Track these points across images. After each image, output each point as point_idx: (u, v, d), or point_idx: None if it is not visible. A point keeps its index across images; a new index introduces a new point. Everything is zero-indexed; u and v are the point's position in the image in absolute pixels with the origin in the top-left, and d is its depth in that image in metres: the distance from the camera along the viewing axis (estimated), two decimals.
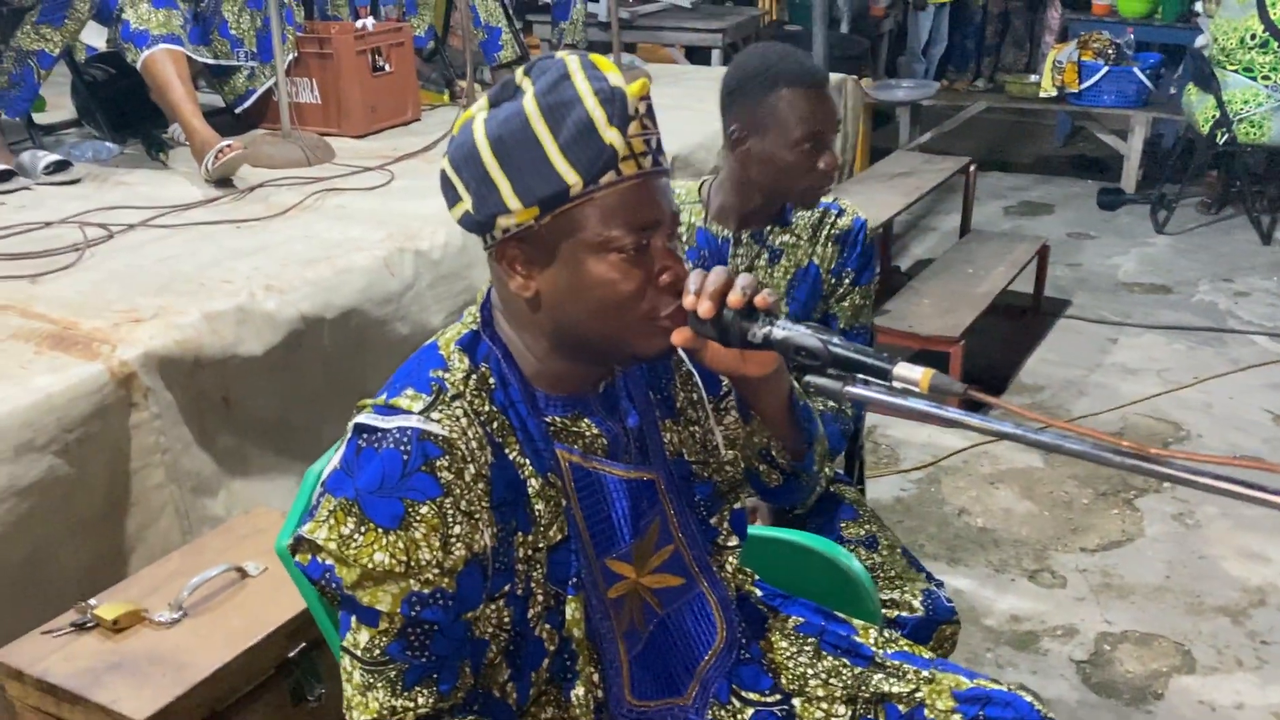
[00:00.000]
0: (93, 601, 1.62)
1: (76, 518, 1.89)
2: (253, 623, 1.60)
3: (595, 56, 1.07)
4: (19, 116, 3.23)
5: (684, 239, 1.87)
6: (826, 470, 1.83)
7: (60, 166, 3.05)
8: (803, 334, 1.13)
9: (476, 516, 1.07)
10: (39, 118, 3.54)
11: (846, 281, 1.87)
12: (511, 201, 1.04)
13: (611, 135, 1.02)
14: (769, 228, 1.85)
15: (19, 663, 1.53)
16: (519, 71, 1.08)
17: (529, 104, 1.03)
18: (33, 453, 1.80)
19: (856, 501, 1.91)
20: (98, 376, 1.91)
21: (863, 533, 1.83)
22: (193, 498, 2.07)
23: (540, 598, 1.13)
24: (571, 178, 1.02)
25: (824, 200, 1.86)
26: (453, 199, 1.09)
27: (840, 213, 1.87)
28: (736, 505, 1.34)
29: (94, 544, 1.92)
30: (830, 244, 1.86)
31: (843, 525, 1.84)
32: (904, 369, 1.07)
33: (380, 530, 1.03)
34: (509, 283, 1.09)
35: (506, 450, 1.10)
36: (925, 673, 1.31)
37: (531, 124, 1.03)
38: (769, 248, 1.85)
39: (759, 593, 1.42)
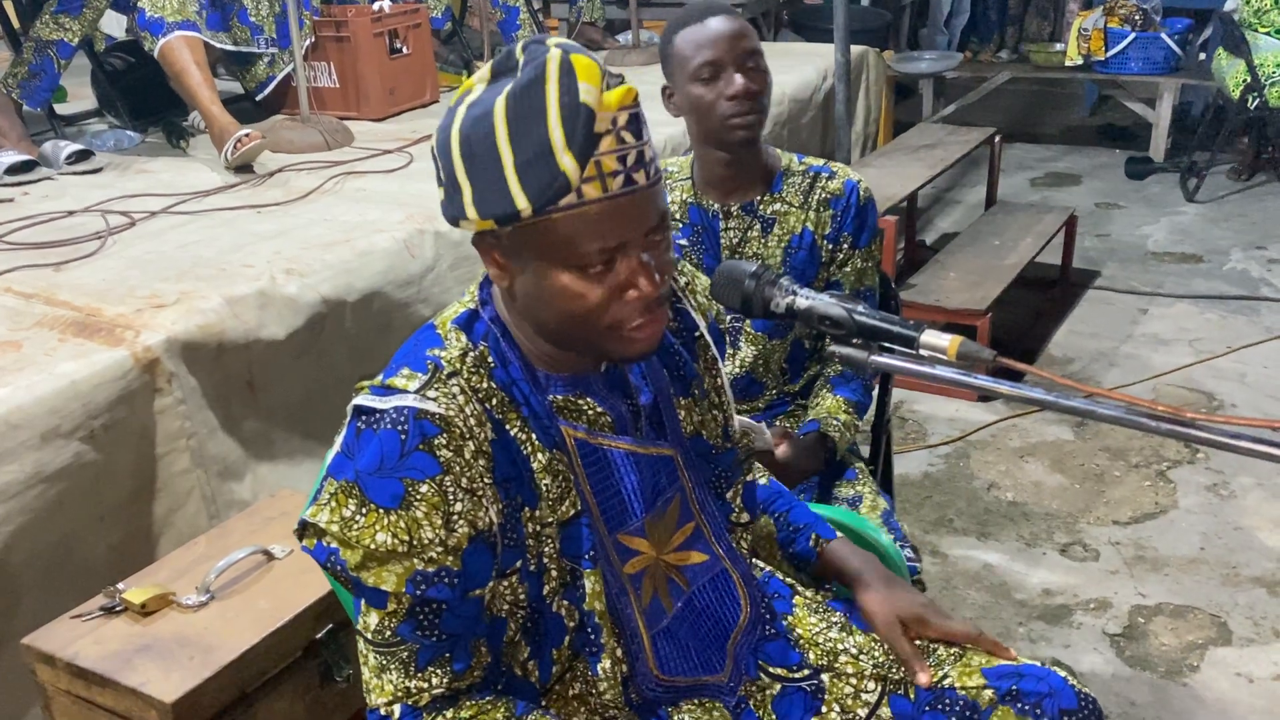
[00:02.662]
0: (121, 586, 1.63)
1: (104, 503, 1.90)
2: (280, 605, 1.60)
3: (577, 58, 0.97)
4: (40, 107, 3.25)
5: (677, 216, 1.86)
6: (847, 435, 1.82)
7: (82, 156, 3.06)
8: (826, 303, 1.11)
9: (479, 493, 1.06)
10: (60, 108, 3.56)
11: (845, 246, 1.84)
12: (469, 210, 1.00)
13: (566, 161, 0.95)
14: (759, 197, 1.83)
15: (50, 647, 1.54)
16: (518, 45, 1.03)
17: (499, 107, 0.98)
18: (59, 439, 1.81)
19: (859, 468, 1.90)
20: (122, 362, 1.92)
21: (852, 493, 1.82)
22: (219, 482, 2.08)
23: (555, 573, 1.13)
24: (521, 202, 0.97)
25: (815, 164, 1.85)
26: (436, 179, 1.05)
27: (831, 175, 1.84)
28: (749, 477, 1.35)
29: (121, 529, 1.93)
30: (823, 208, 1.83)
31: (836, 485, 1.83)
32: (931, 336, 1.05)
33: (381, 511, 1.02)
34: (489, 270, 1.08)
35: (507, 426, 1.09)
36: (955, 649, 1.29)
37: (495, 133, 0.98)
38: (760, 217, 1.83)
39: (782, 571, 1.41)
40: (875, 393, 2.01)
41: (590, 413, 1.15)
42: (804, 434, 1.80)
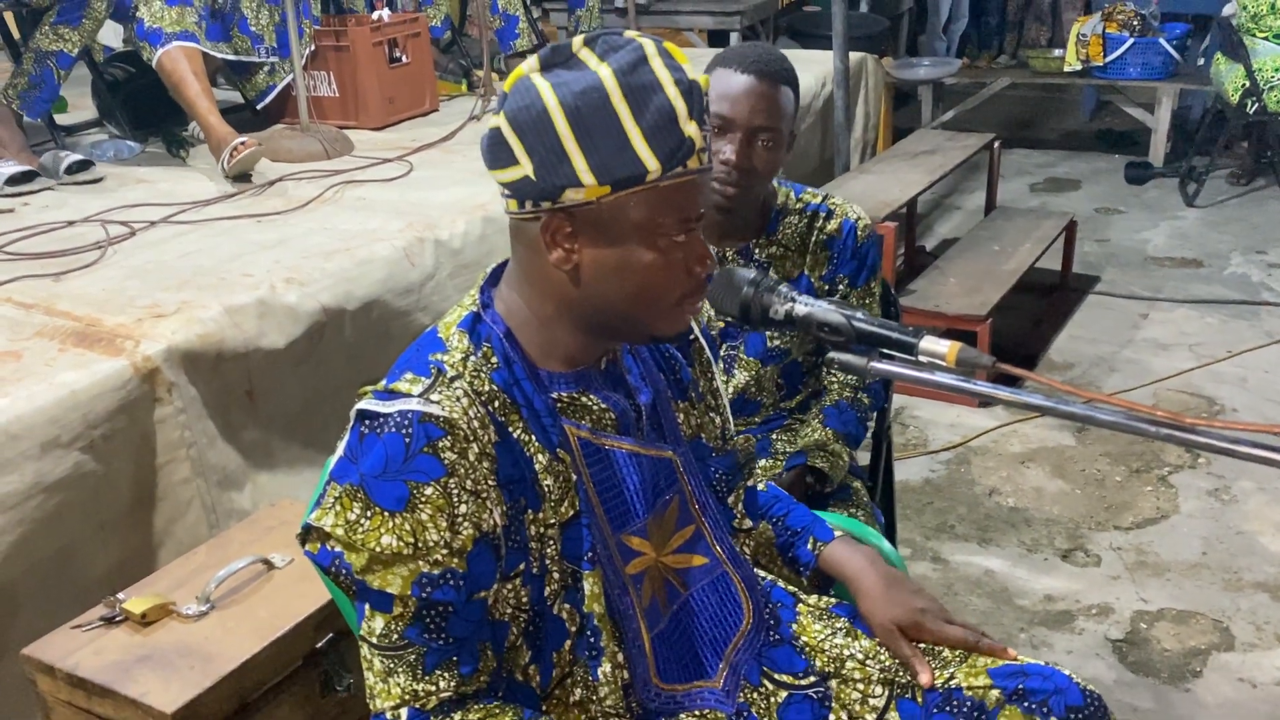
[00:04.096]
0: (121, 596, 1.63)
1: (104, 513, 1.90)
2: (280, 614, 1.60)
3: (668, 44, 1.06)
4: (40, 117, 3.25)
5: None
6: (839, 463, 1.80)
7: (82, 166, 3.07)
8: (825, 310, 1.11)
9: (484, 495, 1.06)
10: (61, 118, 3.56)
11: (841, 286, 1.80)
12: (585, 176, 1.02)
13: (691, 129, 1.03)
14: (755, 240, 1.78)
15: (50, 657, 1.54)
16: (577, 41, 1.06)
17: (609, 81, 1.02)
18: (59, 449, 1.81)
19: (856, 490, 1.88)
20: (122, 372, 1.92)
21: (844, 513, 1.81)
22: (219, 491, 2.08)
23: (556, 575, 1.13)
24: (652, 164, 1.02)
25: (812, 201, 1.79)
26: (505, 161, 1.06)
27: (829, 215, 1.78)
28: (750, 482, 1.35)
29: (121, 539, 1.93)
30: (820, 250, 1.78)
31: (830, 505, 1.82)
32: (930, 342, 1.05)
33: (386, 513, 1.03)
34: (548, 254, 1.07)
35: (510, 428, 1.10)
36: (960, 652, 1.29)
37: (613, 104, 1.01)
38: (756, 262, 1.78)
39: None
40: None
41: (595, 410, 1.15)
42: (786, 469, 1.78)
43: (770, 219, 1.78)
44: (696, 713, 1.24)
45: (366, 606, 1.06)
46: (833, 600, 1.38)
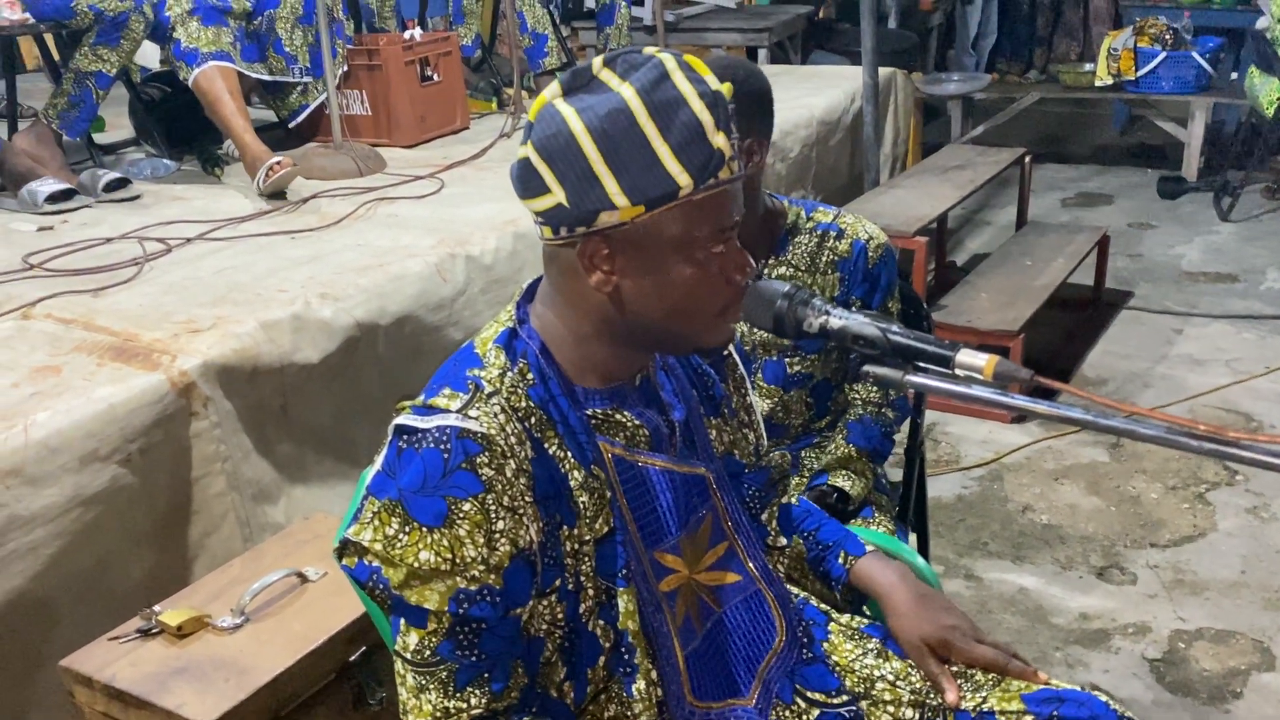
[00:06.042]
0: (157, 608, 1.64)
1: (140, 526, 1.92)
2: (314, 627, 1.61)
3: (688, 57, 1.06)
4: (79, 136, 3.30)
5: None
6: (861, 482, 1.79)
7: (120, 184, 3.11)
8: (860, 322, 1.11)
9: (520, 512, 1.06)
10: (99, 137, 3.62)
11: (854, 309, 1.78)
12: (618, 199, 1.02)
13: (719, 140, 1.03)
14: (763, 261, 1.75)
15: (87, 669, 1.55)
16: (597, 63, 1.06)
17: (633, 100, 1.02)
18: (96, 463, 1.83)
19: (880, 505, 1.86)
20: (158, 387, 1.94)
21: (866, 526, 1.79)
22: (253, 505, 2.09)
23: (591, 592, 1.13)
24: (684, 180, 1.02)
25: (823, 220, 1.77)
26: (537, 190, 1.06)
27: (839, 234, 1.75)
28: (784, 499, 1.35)
29: (157, 552, 1.95)
30: (830, 270, 1.75)
31: (854, 522, 1.80)
32: (967, 355, 1.04)
33: (424, 529, 1.03)
34: (587, 277, 1.07)
35: (546, 445, 1.10)
36: (994, 675, 1.27)
37: (639, 124, 1.01)
38: None
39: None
40: (905, 423, 1.98)
41: (629, 426, 1.15)
42: (808, 489, 1.76)
43: (780, 239, 1.76)
44: None
45: (402, 621, 1.06)
46: (865, 620, 1.37)
